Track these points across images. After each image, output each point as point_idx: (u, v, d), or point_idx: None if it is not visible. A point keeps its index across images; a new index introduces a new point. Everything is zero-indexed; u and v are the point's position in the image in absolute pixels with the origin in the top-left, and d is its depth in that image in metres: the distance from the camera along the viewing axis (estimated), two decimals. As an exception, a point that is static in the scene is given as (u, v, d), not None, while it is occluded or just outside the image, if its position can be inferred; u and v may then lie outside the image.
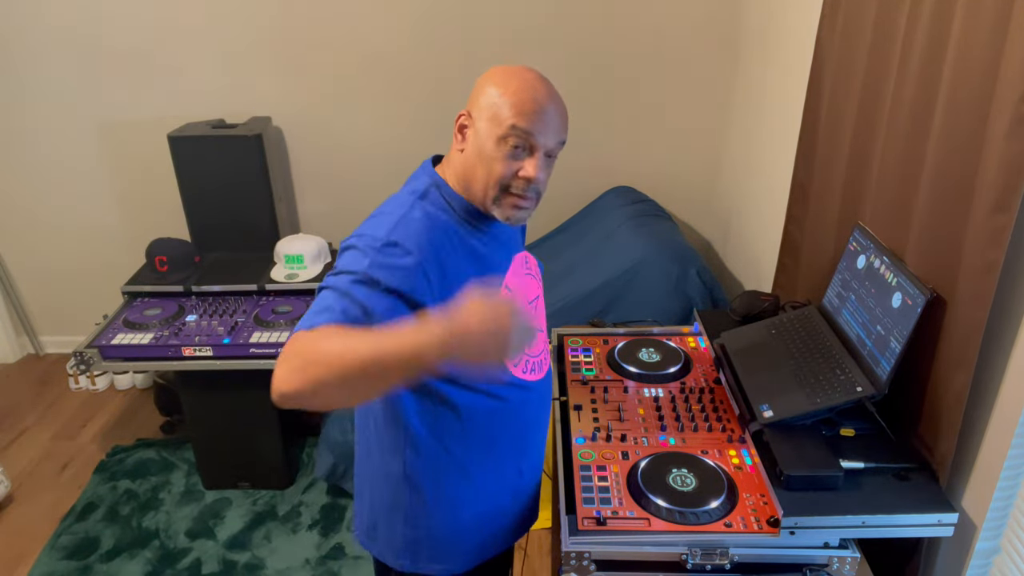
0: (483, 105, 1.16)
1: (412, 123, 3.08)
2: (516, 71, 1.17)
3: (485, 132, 1.16)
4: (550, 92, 1.17)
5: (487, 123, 1.15)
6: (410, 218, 1.14)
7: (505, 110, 1.13)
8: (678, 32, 2.90)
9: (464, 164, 1.20)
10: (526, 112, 1.13)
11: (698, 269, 2.36)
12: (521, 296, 1.31)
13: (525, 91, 1.14)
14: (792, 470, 1.25)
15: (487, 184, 1.17)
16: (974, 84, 1.18)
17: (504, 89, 1.15)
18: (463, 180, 1.21)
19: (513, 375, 1.28)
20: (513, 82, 1.15)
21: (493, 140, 1.15)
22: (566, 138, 1.21)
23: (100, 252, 3.34)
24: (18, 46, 2.97)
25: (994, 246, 1.14)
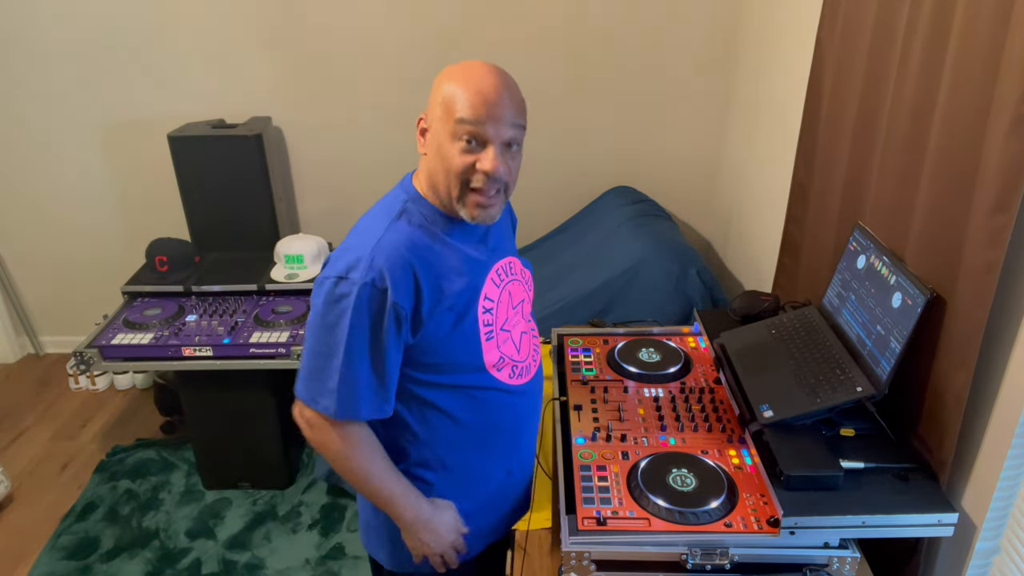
0: (435, 103, 1.17)
1: (412, 123, 3.05)
2: (465, 65, 1.16)
3: (439, 131, 1.16)
4: (499, 81, 1.15)
5: (439, 122, 1.16)
6: (382, 246, 1.15)
7: (455, 104, 1.13)
8: (678, 32, 2.90)
9: (428, 167, 1.21)
10: (473, 104, 1.12)
11: (698, 269, 2.36)
12: (503, 305, 1.30)
13: (472, 83, 1.13)
14: (792, 470, 1.25)
15: (448, 182, 1.17)
16: (974, 84, 1.18)
17: (451, 84, 1.14)
18: (431, 184, 1.21)
19: (498, 380, 1.30)
20: (460, 76, 1.14)
21: (447, 137, 1.15)
22: (524, 123, 1.18)
23: (100, 252, 3.34)
24: (18, 46, 2.97)
25: (994, 246, 1.14)
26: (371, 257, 1.13)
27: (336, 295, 1.13)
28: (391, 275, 1.13)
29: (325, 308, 1.14)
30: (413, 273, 1.15)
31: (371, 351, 1.15)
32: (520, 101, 1.18)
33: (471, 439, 1.31)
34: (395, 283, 1.13)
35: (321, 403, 1.16)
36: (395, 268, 1.13)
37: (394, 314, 1.14)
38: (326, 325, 1.14)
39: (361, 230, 1.21)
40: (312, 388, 1.17)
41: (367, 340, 1.14)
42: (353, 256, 1.14)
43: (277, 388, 2.54)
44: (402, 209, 1.21)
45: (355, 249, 1.16)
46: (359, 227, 1.23)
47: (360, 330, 1.13)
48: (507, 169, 1.17)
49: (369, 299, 1.12)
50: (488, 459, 1.36)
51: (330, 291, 1.13)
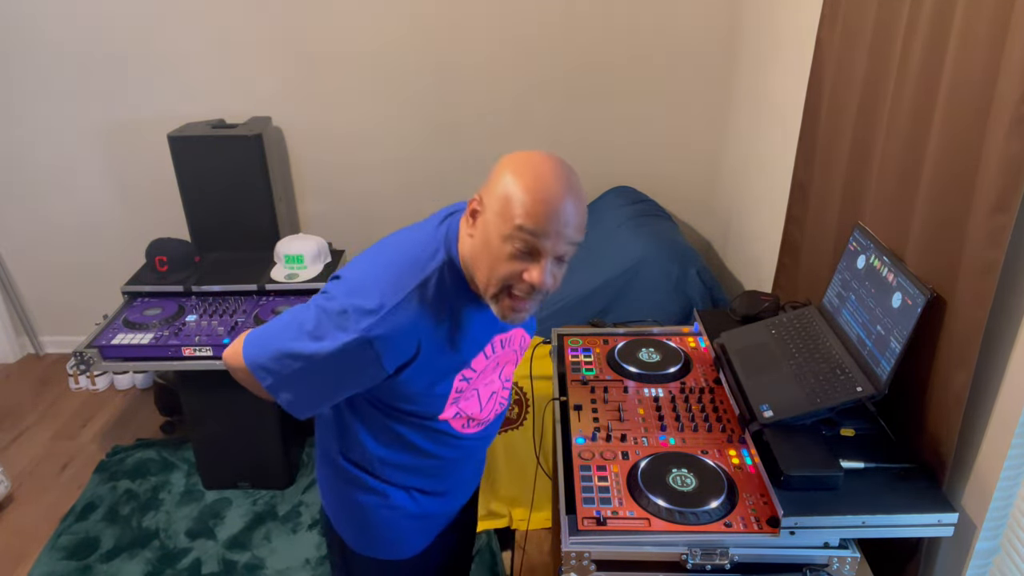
0: (495, 195, 1.07)
1: (412, 123, 3.08)
2: (533, 162, 1.07)
3: (493, 225, 1.07)
4: (567, 189, 1.06)
5: (496, 216, 1.06)
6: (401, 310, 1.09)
7: (515, 207, 1.04)
8: (678, 32, 2.90)
9: (472, 250, 1.12)
10: (536, 213, 1.04)
11: (698, 269, 2.36)
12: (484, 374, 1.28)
13: (538, 188, 1.04)
14: (792, 470, 1.25)
15: (488, 280, 1.10)
16: (974, 84, 1.18)
17: (517, 181, 1.05)
18: (469, 263, 1.14)
19: (450, 426, 1.28)
20: (527, 175, 1.05)
21: (499, 237, 1.06)
22: (581, 240, 1.11)
23: (100, 252, 3.34)
24: (18, 46, 2.97)
25: (994, 246, 1.14)
26: (385, 316, 1.08)
27: (336, 322, 1.10)
28: (394, 342, 1.09)
29: (318, 320, 1.11)
30: (417, 345, 1.12)
31: (327, 382, 1.15)
32: (583, 214, 1.11)
33: (420, 461, 1.31)
34: (394, 350, 1.10)
35: (258, 372, 1.17)
36: (402, 337, 1.10)
37: (373, 370, 1.11)
38: (309, 331, 1.11)
39: (389, 271, 1.14)
40: (260, 355, 1.17)
41: (330, 374, 1.13)
42: (372, 298, 1.09)
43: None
44: (436, 271, 1.13)
45: (376, 290, 1.10)
46: (388, 266, 1.15)
47: (332, 365, 1.11)
48: (554, 282, 1.11)
49: (358, 350, 1.08)
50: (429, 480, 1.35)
51: (334, 314, 1.10)
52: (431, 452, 1.30)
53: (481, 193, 1.11)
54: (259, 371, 1.17)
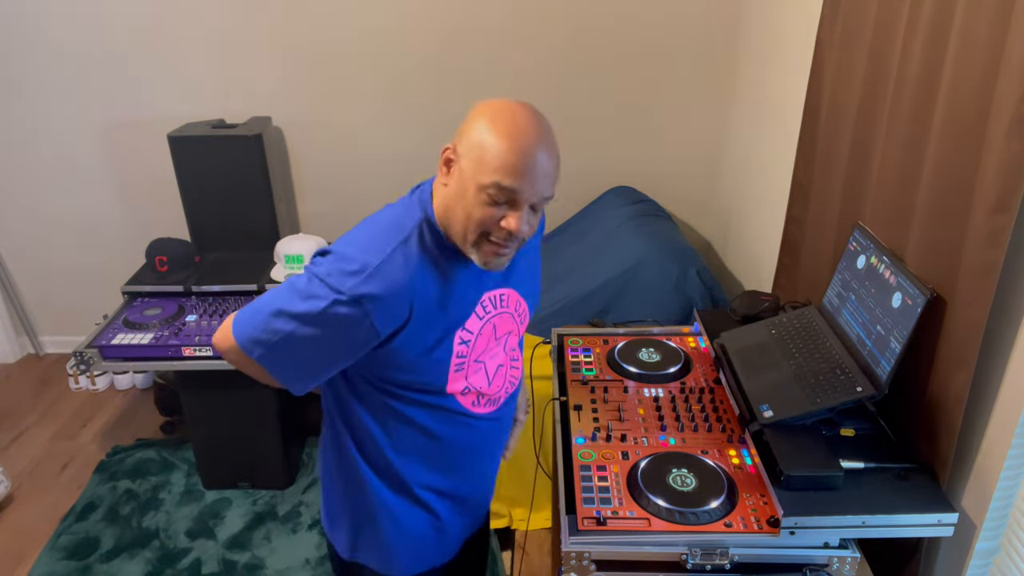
0: (470, 143, 1.08)
1: (412, 123, 3.08)
2: (509, 110, 1.08)
3: (468, 174, 1.08)
4: (541, 141, 1.07)
5: (471, 165, 1.08)
6: (387, 267, 1.09)
7: (491, 159, 1.05)
8: (678, 32, 2.90)
9: (446, 200, 1.14)
10: (512, 166, 1.05)
11: (698, 269, 2.36)
12: (483, 337, 1.26)
13: (514, 139, 1.05)
14: (792, 470, 1.25)
15: (466, 228, 1.11)
16: (974, 84, 1.18)
17: (493, 131, 1.06)
18: (444, 215, 1.15)
19: (461, 405, 1.27)
20: (504, 124, 1.06)
21: (474, 186, 1.07)
22: (552, 195, 1.13)
23: (100, 252, 3.34)
24: (18, 46, 2.97)
25: (994, 246, 1.14)
26: (370, 273, 1.07)
27: (316, 287, 1.08)
28: (385, 301, 1.08)
29: (307, 283, 1.10)
30: (409, 304, 1.11)
31: (318, 348, 1.12)
32: (557, 164, 1.12)
33: (431, 448, 1.29)
34: (385, 310, 1.09)
35: (247, 345, 1.14)
36: (392, 295, 1.08)
37: (364, 335, 1.10)
38: (299, 292, 1.10)
39: (370, 235, 1.15)
40: (248, 327, 1.14)
41: (321, 339, 1.10)
42: (354, 261, 1.09)
43: (277, 388, 2.53)
44: (415, 229, 1.14)
45: (359, 252, 1.10)
46: (368, 231, 1.16)
47: (319, 328, 1.09)
48: (530, 228, 1.12)
49: (347, 310, 1.07)
50: (444, 474, 1.34)
51: (320, 278, 1.09)
52: (443, 435, 1.27)
53: (455, 142, 1.11)
54: (249, 344, 1.13)
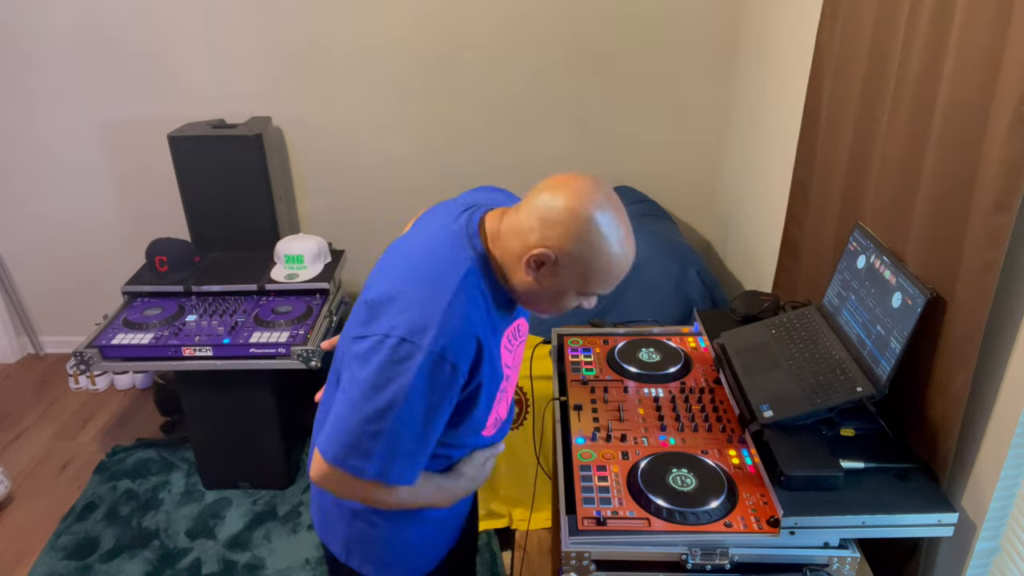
0: (578, 258, 1.08)
1: (412, 123, 3.08)
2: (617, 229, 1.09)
3: (568, 283, 1.12)
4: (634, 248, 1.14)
5: (575, 278, 1.11)
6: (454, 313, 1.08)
7: (598, 276, 1.11)
8: (678, 32, 2.90)
9: (525, 289, 1.14)
10: (611, 283, 1.13)
11: (698, 269, 2.36)
12: (514, 363, 1.29)
13: (620, 263, 1.11)
14: (792, 470, 1.25)
15: (545, 311, 1.19)
16: (974, 84, 1.19)
17: (599, 258, 1.09)
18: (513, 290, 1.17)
19: (485, 439, 1.30)
20: (605, 250, 1.08)
21: (574, 292, 1.14)
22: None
23: (100, 252, 3.34)
24: (18, 46, 2.97)
25: (994, 246, 1.14)
26: (441, 323, 1.06)
27: (398, 356, 1.05)
28: (462, 346, 1.08)
29: (380, 369, 1.06)
30: (477, 346, 1.11)
31: (423, 421, 1.09)
32: None
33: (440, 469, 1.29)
34: (464, 355, 1.09)
35: (350, 464, 1.09)
36: (465, 339, 1.08)
37: (454, 384, 1.09)
38: (377, 385, 1.06)
39: (422, 281, 1.12)
40: (344, 449, 1.09)
41: (422, 410, 1.08)
42: (419, 317, 1.07)
43: (277, 388, 2.54)
44: (469, 271, 1.13)
45: (420, 308, 1.08)
46: (419, 276, 1.13)
47: (417, 398, 1.06)
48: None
49: (433, 368, 1.05)
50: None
51: (391, 352, 1.06)
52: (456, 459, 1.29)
53: (552, 246, 1.08)
54: (354, 465, 1.09)
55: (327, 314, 2.55)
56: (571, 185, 1.08)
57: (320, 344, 2.36)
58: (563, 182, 1.09)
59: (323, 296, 2.65)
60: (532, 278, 1.12)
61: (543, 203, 1.08)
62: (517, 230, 1.11)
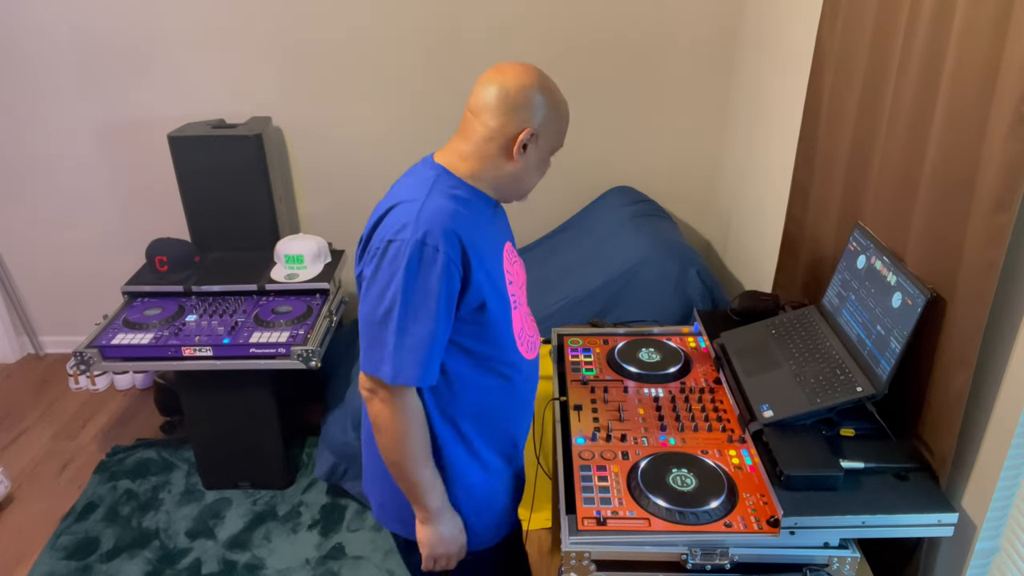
0: (546, 123, 1.24)
1: (412, 122, 3.08)
2: (556, 88, 1.26)
3: (545, 148, 1.27)
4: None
5: (549, 140, 1.27)
6: (427, 212, 1.18)
7: (560, 131, 1.28)
8: (678, 32, 2.90)
9: (515, 175, 1.27)
10: (566, 128, 1.30)
11: (698, 269, 2.36)
12: (518, 282, 1.38)
13: (567, 109, 1.29)
14: (792, 470, 1.25)
15: (531, 187, 1.32)
16: (974, 84, 1.19)
17: (560, 111, 1.26)
18: (501, 184, 1.28)
19: (520, 354, 1.34)
20: (561, 104, 1.27)
21: (547, 154, 1.29)
22: None
23: (100, 252, 3.34)
24: (18, 46, 2.97)
25: (994, 246, 1.14)
26: (417, 220, 1.16)
27: (388, 257, 1.16)
28: (442, 233, 1.16)
29: (375, 272, 1.17)
30: (459, 240, 1.18)
31: (424, 310, 1.17)
32: None
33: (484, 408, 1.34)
34: (446, 241, 1.16)
35: (381, 369, 1.18)
36: (445, 230, 1.17)
37: (447, 274, 1.16)
38: (379, 289, 1.16)
39: (400, 203, 1.22)
40: (374, 355, 1.19)
41: (420, 298, 1.16)
42: (399, 220, 1.17)
43: (277, 388, 2.54)
44: (437, 177, 1.25)
45: (399, 215, 1.19)
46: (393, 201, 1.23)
47: (412, 288, 1.15)
48: None
49: (421, 254, 1.14)
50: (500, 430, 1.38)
51: (382, 256, 1.16)
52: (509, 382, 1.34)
53: (528, 126, 1.22)
54: (378, 367, 1.18)
55: (327, 314, 2.55)
56: (505, 73, 1.23)
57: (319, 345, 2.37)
58: (494, 77, 1.23)
59: (323, 296, 2.65)
60: (521, 161, 1.25)
61: (502, 101, 1.21)
62: (485, 136, 1.24)
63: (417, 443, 1.25)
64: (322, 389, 2.84)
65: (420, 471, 1.26)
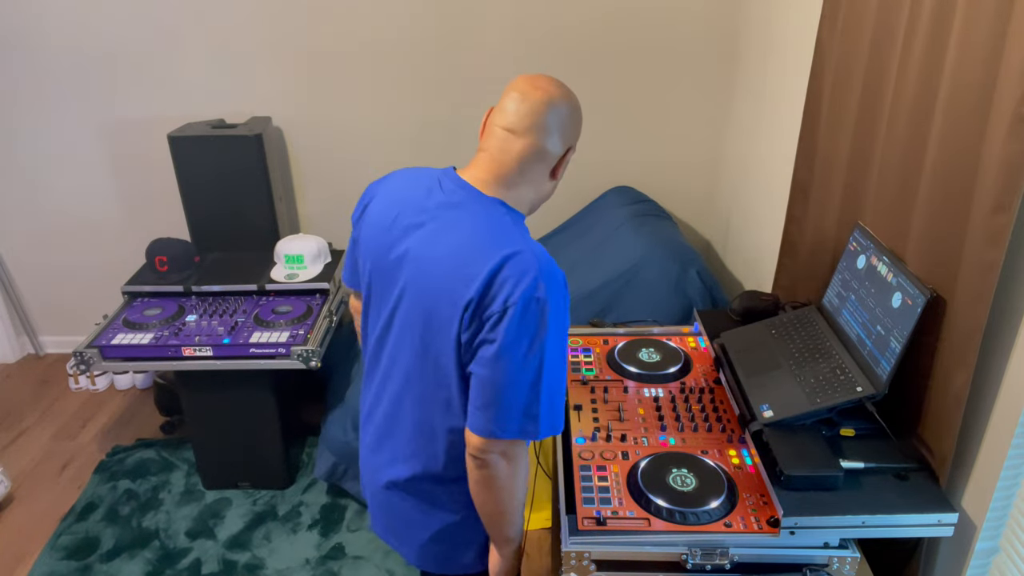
0: (575, 135, 1.26)
1: (412, 122, 3.08)
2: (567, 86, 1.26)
3: (570, 156, 1.27)
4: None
5: (572, 144, 1.27)
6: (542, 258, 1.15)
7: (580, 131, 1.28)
8: (679, 32, 2.90)
9: (549, 192, 1.29)
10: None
11: (698, 269, 2.36)
12: None
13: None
14: (792, 470, 1.25)
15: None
16: (974, 84, 1.18)
17: (580, 113, 1.27)
18: (537, 203, 1.29)
19: None
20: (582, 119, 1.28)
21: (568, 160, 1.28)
22: None
23: (100, 252, 3.34)
24: (19, 46, 2.97)
25: (994, 246, 1.14)
26: (539, 268, 1.12)
27: (532, 315, 1.11)
28: (564, 284, 1.16)
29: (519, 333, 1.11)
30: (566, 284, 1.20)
31: (564, 361, 1.19)
32: None
33: None
34: (567, 290, 1.17)
35: (527, 430, 1.15)
36: (564, 280, 1.17)
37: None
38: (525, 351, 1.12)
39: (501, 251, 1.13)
40: (513, 418, 1.14)
41: (562, 350, 1.17)
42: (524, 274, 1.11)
43: (277, 388, 2.54)
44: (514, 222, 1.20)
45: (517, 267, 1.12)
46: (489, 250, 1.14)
47: (558, 344, 1.15)
48: None
49: (561, 309, 1.14)
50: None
51: (521, 314, 1.10)
52: None
53: (569, 143, 1.24)
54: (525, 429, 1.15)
55: (327, 314, 2.55)
56: (550, 92, 1.19)
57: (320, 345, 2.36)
58: (538, 96, 1.18)
59: (323, 296, 2.65)
60: (558, 177, 1.27)
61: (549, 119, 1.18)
62: (533, 158, 1.20)
63: (524, 487, 1.27)
64: (322, 389, 2.84)
65: (521, 509, 1.30)
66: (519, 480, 1.23)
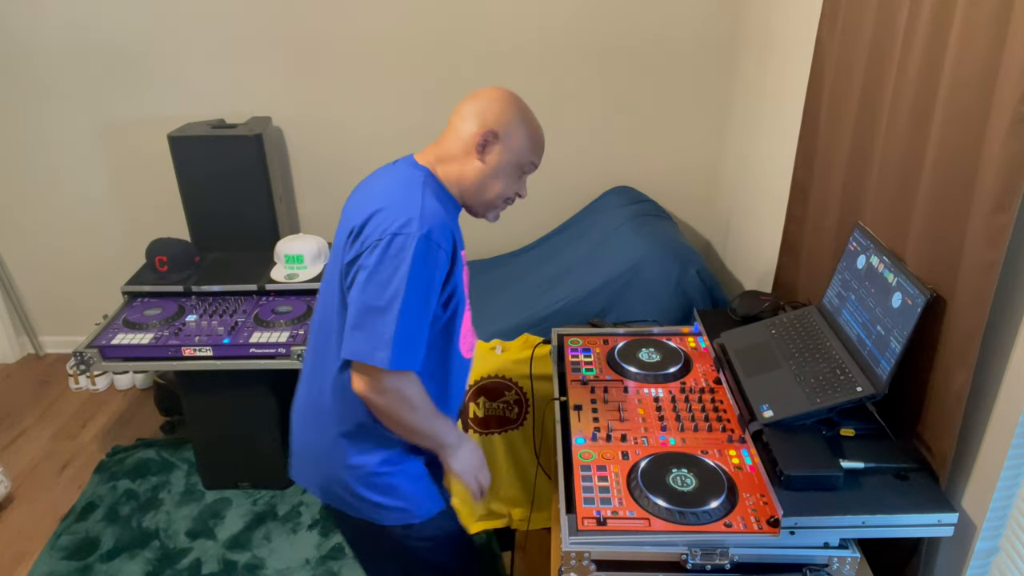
0: (510, 128, 1.33)
1: (412, 122, 3.08)
2: (529, 109, 1.38)
3: (508, 159, 1.35)
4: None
5: (513, 153, 1.35)
6: (428, 210, 1.26)
7: (530, 147, 1.36)
8: (679, 32, 2.90)
9: (477, 177, 1.35)
10: (539, 150, 1.39)
11: (698, 269, 2.36)
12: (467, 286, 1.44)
13: (539, 131, 1.39)
14: (792, 470, 1.25)
15: (496, 198, 1.38)
16: (974, 84, 1.19)
17: (529, 127, 1.36)
18: (465, 187, 1.36)
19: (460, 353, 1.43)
20: (532, 120, 1.37)
21: (515, 168, 1.37)
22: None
23: (100, 252, 3.34)
24: (18, 46, 2.97)
25: (994, 246, 1.14)
26: (421, 216, 1.23)
27: (394, 249, 1.21)
28: (442, 232, 1.24)
29: (379, 263, 1.21)
30: (452, 238, 1.27)
31: (423, 300, 1.24)
32: None
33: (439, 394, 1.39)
34: (445, 239, 1.25)
35: (376, 355, 1.21)
36: (443, 227, 1.25)
37: (442, 269, 1.25)
38: (383, 279, 1.21)
39: (393, 196, 1.29)
40: (365, 341, 1.22)
41: (422, 289, 1.23)
42: (402, 214, 1.23)
43: (277, 388, 2.53)
44: (425, 178, 1.32)
45: (401, 209, 1.24)
46: (388, 195, 1.29)
47: (417, 279, 1.22)
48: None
49: (426, 251, 1.21)
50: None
51: (387, 248, 1.21)
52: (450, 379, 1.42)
53: (492, 128, 1.32)
54: (377, 355, 1.21)
55: (327, 314, 2.54)
56: (484, 90, 1.35)
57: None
58: (475, 93, 1.35)
59: (323, 296, 2.65)
60: (481, 160, 1.33)
61: (471, 108, 1.33)
62: (455, 138, 1.34)
63: (426, 405, 1.31)
64: (322, 389, 2.84)
65: (433, 421, 1.33)
66: (405, 407, 1.27)
